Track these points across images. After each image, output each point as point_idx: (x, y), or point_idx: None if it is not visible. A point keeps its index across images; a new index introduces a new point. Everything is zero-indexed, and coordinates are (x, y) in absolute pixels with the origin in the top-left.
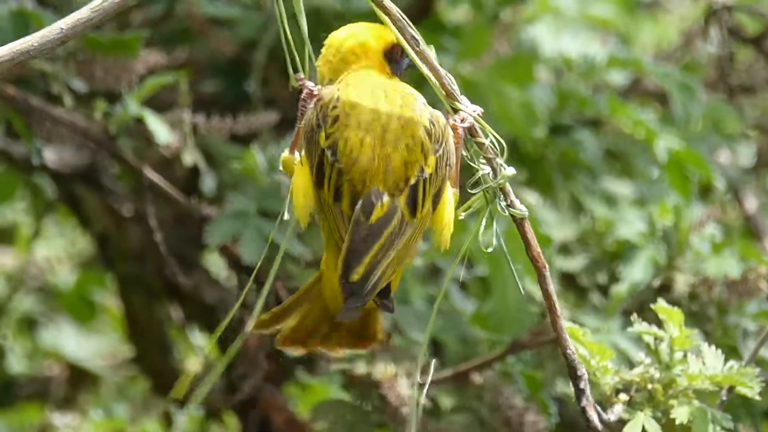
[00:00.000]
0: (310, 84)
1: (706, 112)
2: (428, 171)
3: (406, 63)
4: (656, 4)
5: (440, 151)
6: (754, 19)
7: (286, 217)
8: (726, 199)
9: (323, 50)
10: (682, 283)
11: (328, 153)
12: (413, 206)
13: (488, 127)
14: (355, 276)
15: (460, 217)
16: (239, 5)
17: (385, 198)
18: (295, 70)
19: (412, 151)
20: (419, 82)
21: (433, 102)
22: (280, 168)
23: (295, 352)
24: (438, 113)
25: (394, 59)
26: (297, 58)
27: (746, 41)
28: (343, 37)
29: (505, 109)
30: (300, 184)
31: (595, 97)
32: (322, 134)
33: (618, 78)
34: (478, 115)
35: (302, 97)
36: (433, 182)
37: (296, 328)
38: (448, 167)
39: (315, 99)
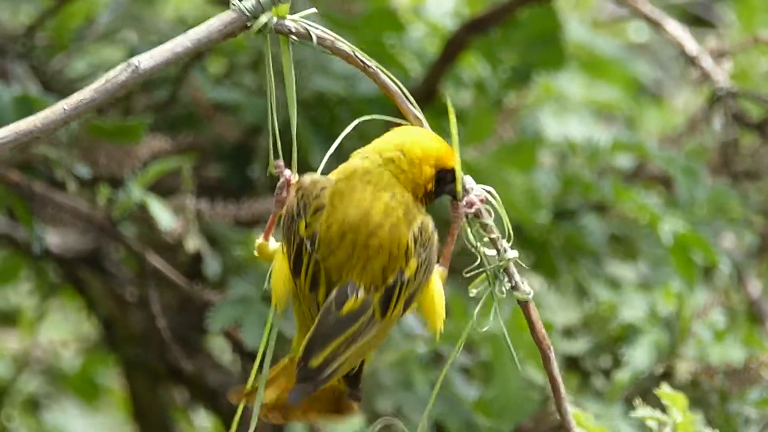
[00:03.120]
0: (287, 172)
1: (710, 196)
2: (408, 274)
3: (447, 190)
4: (660, 90)
5: (423, 256)
6: (758, 104)
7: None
8: (730, 284)
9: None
10: (684, 370)
11: (307, 243)
12: (386, 306)
13: (501, 208)
14: (314, 363)
15: (471, 294)
16: (243, 90)
17: (361, 293)
18: (276, 157)
19: (395, 259)
20: None
21: None
22: (255, 254)
23: (277, 422)
24: (428, 222)
25: (441, 184)
26: (279, 145)
27: (750, 127)
28: (414, 134)
29: (509, 194)
30: (279, 271)
31: (599, 181)
32: (302, 223)
33: (623, 162)
34: (487, 195)
35: (278, 185)
36: (410, 286)
37: (276, 402)
38: (426, 273)
39: (296, 188)
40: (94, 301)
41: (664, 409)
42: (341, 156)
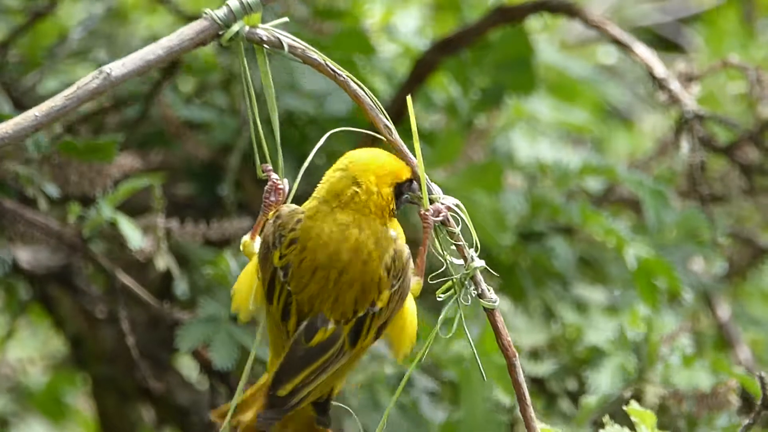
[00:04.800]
0: (274, 176)
1: (680, 220)
2: (379, 305)
3: (407, 199)
4: (629, 113)
5: (396, 286)
6: (726, 128)
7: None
8: (699, 308)
9: (340, 164)
10: (652, 394)
11: (281, 273)
12: (356, 337)
13: (467, 218)
14: (283, 392)
15: (439, 298)
16: (214, 109)
17: (330, 325)
18: (263, 161)
19: (366, 292)
20: None
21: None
22: (241, 249)
23: None
24: (403, 248)
25: (399, 196)
26: (266, 150)
27: (718, 150)
28: (364, 161)
29: (476, 215)
30: (249, 275)
31: (567, 204)
32: (277, 253)
33: (594, 185)
34: (455, 206)
35: (266, 188)
36: (382, 315)
37: (252, 422)
38: (400, 300)
39: (274, 216)
40: (64, 319)
41: (633, 430)
42: (311, 174)
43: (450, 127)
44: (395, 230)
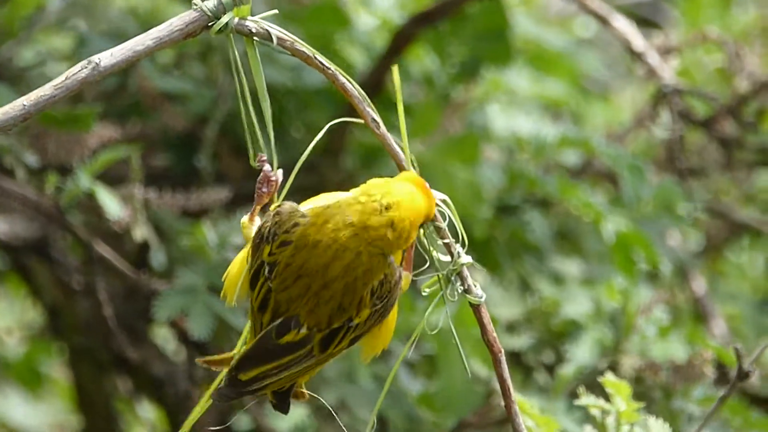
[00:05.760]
0: (267, 168)
1: (657, 193)
2: (357, 321)
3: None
4: (607, 86)
5: (378, 306)
6: (704, 102)
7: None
8: (675, 281)
9: (371, 194)
10: (628, 366)
11: (266, 268)
12: (327, 345)
13: (455, 214)
14: (243, 377)
15: (424, 293)
16: (191, 80)
17: (303, 329)
18: (256, 150)
19: (344, 310)
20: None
21: None
22: (241, 230)
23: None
24: (394, 271)
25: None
26: (260, 137)
27: (696, 124)
28: (406, 205)
29: (452, 188)
30: (242, 261)
31: (544, 177)
32: (267, 248)
33: (571, 158)
34: (441, 201)
35: (259, 179)
36: (358, 329)
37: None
38: (380, 317)
39: (276, 209)
40: (41, 289)
41: (608, 401)
42: (289, 148)
43: (427, 100)
44: (392, 255)
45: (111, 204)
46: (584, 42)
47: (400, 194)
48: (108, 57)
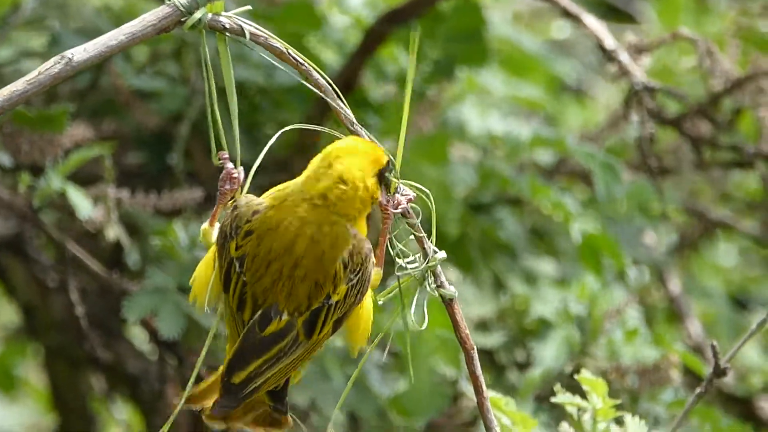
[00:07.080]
0: (229, 165)
1: (631, 193)
2: (335, 298)
3: (387, 182)
4: (582, 86)
5: (354, 280)
6: (677, 101)
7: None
8: (650, 281)
9: (323, 163)
10: (593, 369)
11: (237, 263)
12: (311, 329)
13: (432, 206)
14: (236, 379)
15: (380, 303)
16: (164, 78)
17: (284, 316)
18: (219, 148)
19: (320, 286)
20: None
21: None
22: (200, 238)
23: (219, 427)
24: (362, 244)
25: (383, 177)
26: (222, 135)
27: (667, 123)
28: (347, 156)
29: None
30: (207, 264)
31: (516, 177)
32: (233, 244)
33: (545, 157)
34: (413, 196)
35: (221, 176)
36: (338, 308)
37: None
38: (359, 294)
39: (233, 205)
40: (15, 287)
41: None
42: (261, 145)
43: (400, 98)
44: (357, 227)
45: (82, 204)
46: (559, 43)
47: (340, 149)
48: (81, 52)
